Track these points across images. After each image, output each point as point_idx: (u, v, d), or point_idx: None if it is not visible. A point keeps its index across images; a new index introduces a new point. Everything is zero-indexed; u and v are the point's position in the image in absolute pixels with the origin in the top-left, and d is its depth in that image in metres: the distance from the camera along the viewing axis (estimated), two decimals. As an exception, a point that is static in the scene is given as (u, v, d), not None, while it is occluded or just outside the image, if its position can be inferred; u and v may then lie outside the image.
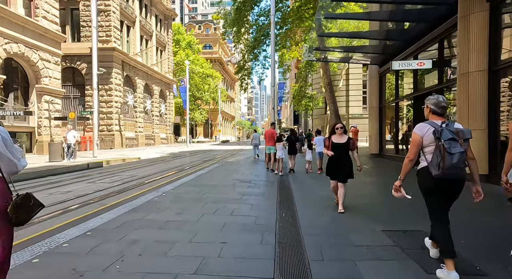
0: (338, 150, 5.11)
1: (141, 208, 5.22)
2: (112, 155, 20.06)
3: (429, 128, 2.78)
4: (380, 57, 13.26)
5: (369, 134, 15.06)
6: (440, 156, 2.63)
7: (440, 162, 2.63)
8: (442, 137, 2.65)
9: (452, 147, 2.61)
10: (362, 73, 36.13)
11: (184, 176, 9.86)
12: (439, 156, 2.64)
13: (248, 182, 8.28)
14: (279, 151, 10.36)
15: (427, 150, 2.83)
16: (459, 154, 2.60)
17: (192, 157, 19.62)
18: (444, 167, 2.61)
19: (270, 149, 11.03)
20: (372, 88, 14.49)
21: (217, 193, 6.69)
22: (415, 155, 2.90)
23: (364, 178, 8.91)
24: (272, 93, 16.31)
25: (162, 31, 41.12)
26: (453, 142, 2.62)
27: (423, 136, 2.81)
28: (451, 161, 2.59)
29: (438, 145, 2.66)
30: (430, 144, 2.78)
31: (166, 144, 40.98)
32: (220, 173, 10.18)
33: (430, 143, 2.78)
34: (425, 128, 2.83)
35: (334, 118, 23.74)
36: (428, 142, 2.80)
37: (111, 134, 27.76)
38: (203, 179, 8.72)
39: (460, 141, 2.63)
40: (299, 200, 6.05)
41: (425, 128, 2.83)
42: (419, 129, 2.87)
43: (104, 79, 27.51)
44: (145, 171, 12.05)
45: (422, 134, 2.82)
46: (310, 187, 7.78)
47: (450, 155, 2.60)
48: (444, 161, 2.60)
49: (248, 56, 25.14)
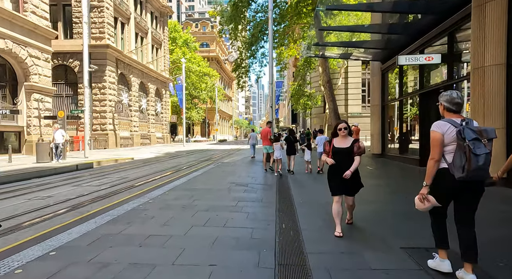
0: (340, 157, 3.99)
1: (122, 219, 4.60)
2: (104, 155, 19.39)
3: (450, 127, 2.61)
4: (383, 53, 12.70)
5: (371, 133, 14.49)
6: (465, 158, 2.47)
7: (465, 164, 2.47)
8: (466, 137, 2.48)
9: (477, 148, 2.44)
10: (361, 71, 35.61)
11: (177, 178, 9.24)
12: (464, 157, 2.48)
13: (245, 185, 7.68)
14: (276, 151, 9.85)
15: (447, 149, 2.65)
16: (484, 156, 2.44)
17: (187, 157, 19.00)
18: (470, 169, 2.45)
19: (266, 148, 10.65)
20: (374, 85, 13.92)
21: (210, 199, 6.08)
22: (440, 155, 2.66)
23: (369, 181, 8.33)
24: (270, 91, 15.70)
25: (158, 29, 40.37)
26: (477, 142, 2.46)
27: (443, 134, 2.63)
28: (477, 163, 2.43)
29: (462, 146, 2.50)
30: (451, 143, 2.62)
31: (162, 143, 40.30)
32: (216, 175, 9.56)
33: (450, 142, 2.62)
34: (445, 127, 2.64)
35: (333, 117, 23.18)
36: (448, 141, 2.63)
37: (105, 133, 27.05)
38: (197, 182, 8.10)
39: (484, 141, 2.47)
40: (300, 206, 5.45)
41: (445, 127, 2.64)
42: (438, 127, 2.68)
43: (98, 77, 26.79)
44: (136, 173, 11.42)
45: (443, 132, 2.64)
46: (312, 190, 7.18)
47: (476, 156, 2.43)
48: (470, 163, 2.44)
49: (245, 53, 24.51)
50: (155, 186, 7.96)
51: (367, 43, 12.52)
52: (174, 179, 9.23)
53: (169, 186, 7.56)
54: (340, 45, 13.29)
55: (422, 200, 2.71)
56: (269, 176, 9.65)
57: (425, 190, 2.71)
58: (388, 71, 13.33)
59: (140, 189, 7.88)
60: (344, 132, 4.03)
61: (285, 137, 10.25)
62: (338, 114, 23.79)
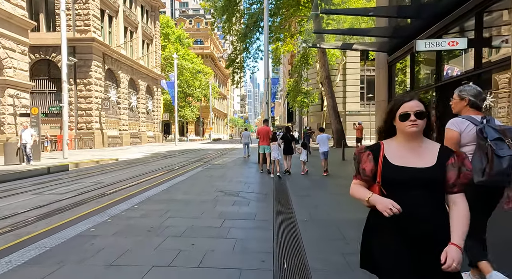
0: (411, 194, 1.45)
1: (55, 253, 3.23)
2: (87, 156, 17.94)
3: (468, 125, 2.34)
4: (390, 42, 11.41)
5: (376, 132, 13.23)
6: (486, 160, 2.20)
7: (485, 166, 2.20)
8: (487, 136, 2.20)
9: (500, 149, 2.16)
10: (360, 67, 34.45)
11: (156, 185, 7.88)
12: (485, 159, 2.21)
13: (235, 194, 6.35)
14: (274, 152, 9.07)
15: (465, 150, 2.34)
16: (509, 158, 2.14)
17: (177, 158, 17.61)
18: (491, 173, 2.17)
19: (264, 149, 9.89)
20: (380, 79, 12.61)
21: (188, 216, 4.74)
22: None
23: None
24: (266, 87, 14.37)
25: (149, 23, 38.80)
26: (499, 142, 2.19)
27: (461, 133, 2.35)
28: (500, 166, 2.15)
29: (483, 146, 2.23)
30: (469, 143, 2.35)
31: (154, 143, 38.80)
32: (202, 181, 8.21)
33: (468, 142, 2.35)
34: (463, 124, 2.37)
35: (332, 115, 21.93)
36: (467, 141, 2.35)
37: (90, 132, 25.52)
38: (177, 191, 6.74)
39: (508, 141, 2.19)
40: (305, 226, 4.15)
41: (463, 124, 2.37)
42: (455, 124, 2.40)
43: (83, 73, 25.25)
44: (114, 177, 10.04)
45: (460, 130, 2.36)
46: (316, 200, 5.87)
47: (499, 158, 2.15)
48: (492, 165, 2.17)
49: (239, 45, 23.11)
50: (127, 196, 6.58)
51: (373, 30, 11.21)
52: (153, 185, 7.86)
53: (143, 196, 6.20)
54: (341, 33, 11.98)
55: None
56: (265, 180, 8.34)
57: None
58: (395, 63, 12.03)
59: (109, 199, 6.50)
60: (416, 125, 1.48)
61: (282, 135, 9.58)
62: (338, 111, 22.55)
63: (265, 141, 9.81)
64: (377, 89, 13.08)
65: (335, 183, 7.87)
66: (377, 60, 13.09)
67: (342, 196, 6.14)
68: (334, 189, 7.07)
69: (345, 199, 5.79)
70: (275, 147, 9.11)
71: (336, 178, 8.57)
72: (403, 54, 10.87)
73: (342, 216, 4.64)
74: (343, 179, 8.32)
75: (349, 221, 4.36)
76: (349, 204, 5.48)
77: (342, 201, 5.66)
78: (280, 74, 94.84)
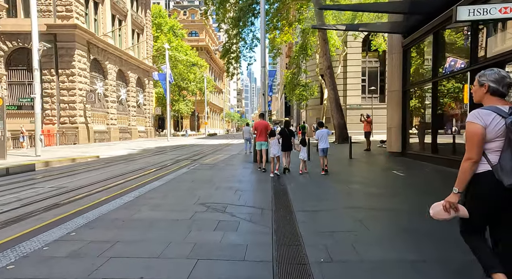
0: None
1: None
2: (65, 152, 16.21)
3: (495, 117, 1.95)
4: (406, 22, 9.81)
5: (388, 127, 11.65)
6: None
7: None
8: None
9: None
10: (362, 59, 32.79)
11: (123, 193, 6.25)
12: None
13: (221, 209, 4.74)
14: (273, 148, 8.12)
15: (491, 147, 1.99)
16: None
17: (165, 155, 15.95)
18: None
19: (262, 145, 9.10)
20: (393, 66, 11.01)
21: (142, 253, 3.10)
22: (480, 155, 1.97)
23: (415, 196, 5.45)
24: (262, 76, 12.70)
25: (140, 12, 36.76)
26: None
27: (486, 127, 1.95)
28: None
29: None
30: (496, 139, 1.97)
31: (145, 138, 37.03)
32: (182, 187, 6.58)
33: (495, 137, 1.96)
34: (488, 117, 1.95)
35: (334, 108, 20.31)
36: (493, 136, 1.96)
37: (74, 127, 23.73)
38: (144, 205, 5.10)
39: None
40: (324, 274, 2.56)
41: (488, 117, 1.95)
42: (478, 117, 1.96)
43: (65, 62, 23.38)
44: (84, 179, 8.41)
45: (485, 124, 1.95)
46: (332, 220, 4.27)
47: None
48: None
49: (233, 31, 21.30)
50: (75, 212, 4.94)
51: (386, 5, 9.57)
52: (119, 194, 6.23)
53: (96, 212, 4.57)
54: (349, 9, 10.34)
55: (448, 209, 2.05)
56: (261, 185, 6.74)
57: (455, 198, 2.04)
58: (412, 47, 10.43)
59: (54, 214, 4.87)
60: None
61: (280, 130, 8.70)
62: (340, 104, 20.93)
63: (262, 137, 8.98)
64: (389, 78, 11.48)
65: (348, 190, 6.29)
66: (389, 44, 11.46)
67: (365, 211, 4.57)
68: (350, 199, 5.50)
69: (372, 218, 4.21)
70: (274, 143, 8.15)
71: (346, 183, 7.00)
72: (423, 34, 9.23)
73: (377, 253, 3.06)
74: (356, 184, 6.75)
75: (392, 262, 2.79)
76: (382, 226, 3.90)
77: (367, 221, 4.07)
78: (277, 67, 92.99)
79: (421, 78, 10.28)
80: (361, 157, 11.97)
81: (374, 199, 5.38)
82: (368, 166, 9.74)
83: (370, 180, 7.49)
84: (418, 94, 10.63)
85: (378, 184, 6.96)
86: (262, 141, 9.00)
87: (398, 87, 10.87)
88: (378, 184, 7.05)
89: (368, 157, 12.13)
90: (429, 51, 9.34)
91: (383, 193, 5.89)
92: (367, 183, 6.95)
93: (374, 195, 5.67)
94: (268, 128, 9.04)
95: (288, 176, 7.96)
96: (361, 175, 7.81)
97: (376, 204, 5.08)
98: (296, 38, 33.14)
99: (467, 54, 7.64)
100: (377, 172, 8.97)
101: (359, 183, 6.80)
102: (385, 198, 5.50)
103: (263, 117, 9.56)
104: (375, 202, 5.21)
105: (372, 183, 7.10)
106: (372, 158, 11.67)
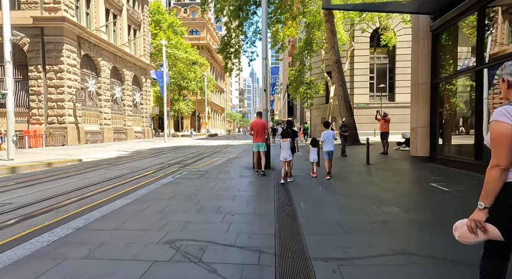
0: None
1: None
2: (45, 155, 14.60)
3: None
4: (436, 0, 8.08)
5: (412, 126, 9.86)
6: None
7: None
8: None
9: None
10: (370, 55, 30.97)
11: (70, 218, 4.56)
12: None
13: (195, 255, 3.03)
14: (285, 151, 7.14)
15: None
16: None
17: (155, 158, 14.29)
18: None
19: (259, 146, 8.37)
20: (420, 55, 9.24)
21: None
22: (509, 160, 1.62)
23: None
24: (264, 69, 10.97)
25: (136, 7, 35.17)
26: None
27: None
28: None
29: None
30: None
31: (142, 138, 35.41)
32: (151, 209, 4.85)
33: None
34: None
35: (343, 106, 18.53)
36: None
37: (63, 127, 22.11)
38: (81, 243, 3.40)
39: None
40: None
41: None
42: (506, 114, 1.63)
43: (53, 58, 21.77)
44: (41, 192, 6.77)
45: None
46: (371, 277, 2.56)
47: None
48: None
49: (233, 23, 19.62)
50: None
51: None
52: (58, 221, 4.53)
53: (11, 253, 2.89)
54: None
55: (474, 230, 1.66)
56: (261, 204, 5.02)
57: (482, 215, 1.66)
58: (445, 30, 8.67)
59: None
60: None
61: (282, 130, 8.02)
62: (349, 102, 19.16)
63: (260, 138, 8.33)
64: (413, 69, 9.70)
65: (382, 216, 4.52)
66: (414, 29, 9.67)
67: (422, 261, 2.84)
68: (391, 235, 3.75)
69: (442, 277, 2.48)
70: (286, 145, 7.18)
71: (377, 203, 5.24)
72: (461, 13, 7.47)
73: None
74: (390, 206, 4.99)
75: None
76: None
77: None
78: (280, 66, 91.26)
79: (457, 67, 8.49)
80: (380, 162, 10.19)
81: (426, 235, 3.61)
82: (395, 176, 7.91)
83: (406, 198, 5.69)
84: (453, 86, 8.84)
85: (420, 205, 5.16)
86: (260, 143, 8.32)
87: (426, 79, 9.10)
88: (420, 205, 5.24)
89: (389, 162, 10.31)
90: (469, 35, 7.59)
91: (433, 222, 4.07)
92: (404, 203, 5.17)
93: (424, 227, 3.88)
94: (266, 127, 8.47)
95: (296, 187, 6.28)
96: (391, 190, 6.02)
97: (433, 246, 3.32)
98: (300, 33, 31.41)
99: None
100: (410, 185, 7.12)
101: (393, 203, 5.03)
102: (441, 231, 3.66)
103: (261, 116, 8.70)
104: (428, 240, 3.46)
105: (410, 203, 5.32)
106: (394, 164, 9.82)
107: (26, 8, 21.55)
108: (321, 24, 25.54)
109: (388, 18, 24.80)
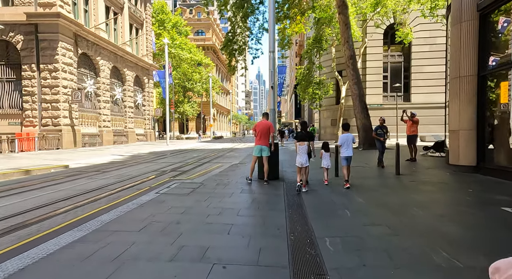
0: None
1: None
2: (30, 160, 13.24)
3: None
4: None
5: (451, 129, 8.15)
6: None
7: None
8: None
9: None
10: (383, 53, 29.18)
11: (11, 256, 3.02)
12: None
13: None
14: (301, 156, 6.39)
15: None
16: None
17: (150, 165, 12.80)
18: None
19: (262, 150, 7.38)
20: (462, 40, 7.57)
21: None
22: None
23: None
24: (271, 63, 9.37)
25: (138, 5, 33.99)
26: None
27: None
28: None
29: None
30: None
31: (143, 141, 34.10)
32: (106, 252, 3.30)
33: None
34: None
35: (358, 105, 16.82)
36: None
37: (57, 129, 20.83)
38: None
39: None
40: None
41: None
42: None
43: (47, 56, 20.55)
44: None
45: None
46: None
47: None
48: None
49: (237, 17, 18.11)
50: None
51: None
52: None
53: None
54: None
55: None
56: (267, 240, 3.44)
57: None
58: (497, 8, 6.99)
59: None
60: None
61: (297, 133, 7.29)
62: (365, 101, 17.47)
63: (264, 140, 7.37)
64: (453, 59, 7.98)
65: (456, 268, 2.89)
66: (454, 10, 7.97)
67: None
68: None
69: None
70: (303, 150, 6.41)
71: (433, 244, 3.57)
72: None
73: None
74: (468, 253, 3.33)
75: None
76: None
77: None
78: (287, 66, 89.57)
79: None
80: (411, 171, 8.46)
81: None
82: (442, 193, 6.04)
83: (481, 233, 3.70)
84: (508, 80, 7.11)
85: (503, 249, 3.48)
86: (263, 146, 7.34)
87: (471, 71, 7.42)
88: (502, 247, 3.56)
89: (423, 172, 8.51)
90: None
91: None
92: (484, 244, 3.45)
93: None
94: (272, 130, 7.54)
95: (314, 207, 4.68)
96: (450, 218, 4.14)
97: None
98: (309, 30, 29.80)
99: None
100: (473, 209, 4.90)
101: (470, 246, 3.26)
102: None
103: (267, 117, 7.77)
104: None
105: (492, 243, 3.60)
106: (431, 175, 7.95)
107: (19, 4, 20.39)
108: (332, 20, 23.92)
109: (404, 12, 23.03)
